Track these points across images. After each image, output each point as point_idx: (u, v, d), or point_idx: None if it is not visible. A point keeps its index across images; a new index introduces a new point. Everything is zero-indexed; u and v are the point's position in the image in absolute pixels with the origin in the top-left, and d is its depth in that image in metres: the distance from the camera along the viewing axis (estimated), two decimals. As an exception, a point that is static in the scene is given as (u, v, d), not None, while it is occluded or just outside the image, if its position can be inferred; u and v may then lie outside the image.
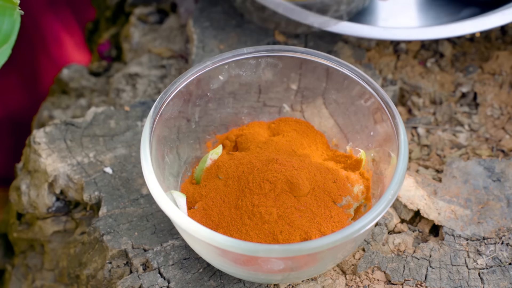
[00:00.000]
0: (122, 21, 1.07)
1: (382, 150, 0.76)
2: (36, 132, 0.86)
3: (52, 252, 0.87)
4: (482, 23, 0.89)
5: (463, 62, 0.95)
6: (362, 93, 0.76)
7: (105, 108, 0.89)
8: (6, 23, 0.66)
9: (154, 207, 0.81)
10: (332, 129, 0.81)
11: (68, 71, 1.00)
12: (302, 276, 0.74)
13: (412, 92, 0.92)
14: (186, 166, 0.79)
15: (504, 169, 0.83)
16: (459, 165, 0.84)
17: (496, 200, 0.81)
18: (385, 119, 0.74)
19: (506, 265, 0.77)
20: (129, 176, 0.83)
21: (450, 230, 0.79)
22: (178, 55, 0.97)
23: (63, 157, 0.85)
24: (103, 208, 0.81)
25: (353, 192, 0.74)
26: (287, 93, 0.82)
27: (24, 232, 0.90)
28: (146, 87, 0.94)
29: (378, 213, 0.68)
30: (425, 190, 0.82)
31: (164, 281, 0.76)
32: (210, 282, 0.76)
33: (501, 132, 0.89)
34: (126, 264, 0.78)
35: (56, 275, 0.88)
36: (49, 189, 0.85)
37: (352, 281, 0.76)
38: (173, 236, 0.79)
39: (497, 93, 0.92)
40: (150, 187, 0.70)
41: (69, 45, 1.25)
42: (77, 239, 0.84)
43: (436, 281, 0.76)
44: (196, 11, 0.99)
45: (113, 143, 0.86)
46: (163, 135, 0.76)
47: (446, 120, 0.90)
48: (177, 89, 0.76)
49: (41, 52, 1.22)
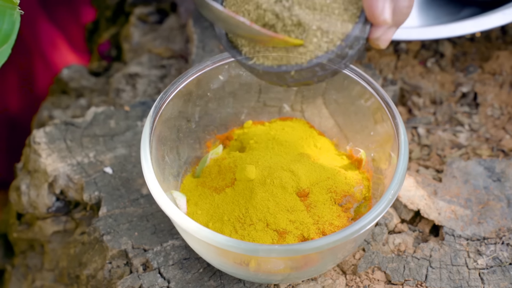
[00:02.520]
0: (122, 21, 1.07)
1: (382, 150, 0.76)
2: (36, 132, 0.86)
3: (52, 252, 0.87)
4: (483, 23, 0.89)
5: (463, 62, 0.95)
6: (362, 93, 0.76)
7: (105, 108, 0.89)
8: (6, 23, 0.66)
9: (154, 207, 0.81)
10: (332, 129, 0.81)
11: (68, 71, 1.00)
12: (302, 276, 0.74)
13: (412, 92, 0.92)
14: (186, 166, 0.79)
15: (505, 169, 0.83)
16: (459, 165, 0.84)
17: (496, 200, 0.81)
18: (385, 119, 0.74)
19: (506, 265, 0.77)
20: (129, 176, 0.83)
21: (450, 230, 0.79)
22: (178, 55, 0.97)
23: (63, 157, 0.85)
24: (103, 208, 0.81)
25: (353, 192, 0.74)
26: (287, 93, 0.82)
27: (24, 232, 0.90)
28: (146, 87, 0.94)
29: (378, 213, 0.68)
30: (425, 190, 0.81)
31: (164, 281, 0.76)
32: (210, 282, 0.76)
33: (502, 132, 0.89)
34: (126, 264, 0.78)
35: (56, 275, 0.88)
36: (49, 189, 0.84)
37: (352, 281, 0.76)
38: (173, 236, 0.79)
39: (498, 93, 0.92)
40: (150, 187, 0.70)
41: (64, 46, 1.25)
42: (77, 239, 0.84)
43: (436, 281, 0.76)
44: (196, 11, 0.99)
45: (113, 143, 0.86)
46: (163, 135, 0.75)
47: (447, 120, 0.90)
48: (177, 89, 0.76)
49: (36, 54, 1.22)
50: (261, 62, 0.64)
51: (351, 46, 0.62)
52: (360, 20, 0.62)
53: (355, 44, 0.62)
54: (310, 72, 0.63)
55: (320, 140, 0.79)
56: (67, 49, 1.25)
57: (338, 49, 0.62)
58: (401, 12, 0.63)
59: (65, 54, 1.25)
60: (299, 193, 0.73)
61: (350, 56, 0.63)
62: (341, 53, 0.62)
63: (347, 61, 0.63)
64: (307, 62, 0.62)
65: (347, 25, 0.62)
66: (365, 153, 0.78)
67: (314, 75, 0.63)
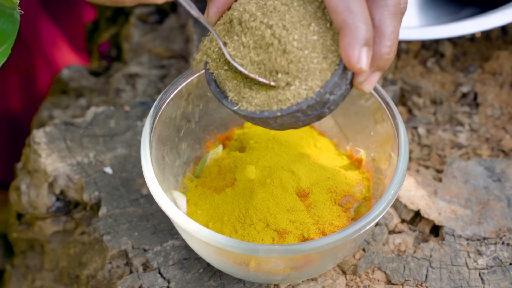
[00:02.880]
0: (122, 21, 1.07)
1: (382, 150, 0.76)
2: (36, 132, 0.86)
3: (52, 252, 0.87)
4: (483, 23, 0.89)
5: (463, 62, 0.95)
6: (362, 93, 0.76)
7: (105, 108, 0.89)
8: (6, 23, 0.66)
9: (154, 207, 0.81)
10: (332, 129, 0.81)
11: (68, 71, 1.00)
12: (302, 276, 0.74)
13: (412, 92, 0.92)
14: (186, 166, 0.79)
15: (505, 169, 0.83)
16: (459, 165, 0.84)
17: (496, 200, 0.81)
18: (386, 119, 0.74)
19: (506, 265, 0.77)
20: (129, 176, 0.83)
21: (451, 230, 0.79)
22: (178, 55, 0.97)
23: (63, 157, 0.85)
24: (103, 208, 0.81)
25: (353, 192, 0.74)
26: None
27: (24, 232, 0.90)
28: (146, 87, 0.94)
29: (379, 213, 0.68)
30: (426, 190, 0.81)
31: (164, 281, 0.76)
32: (210, 282, 0.76)
33: (502, 132, 0.89)
34: (126, 264, 0.78)
35: (56, 275, 0.88)
36: (49, 189, 0.84)
37: (353, 281, 0.76)
38: (173, 236, 0.79)
39: (498, 93, 0.92)
40: (150, 187, 0.70)
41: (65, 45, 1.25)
42: (77, 239, 0.84)
43: (437, 281, 0.76)
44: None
45: (113, 143, 0.86)
46: (163, 135, 0.75)
47: (447, 120, 0.90)
48: (177, 89, 0.76)
49: (37, 53, 1.22)
50: (244, 107, 0.66)
51: (331, 92, 0.64)
52: (340, 67, 0.63)
53: (336, 89, 0.64)
54: (293, 118, 0.65)
55: (320, 140, 0.79)
56: (68, 49, 1.25)
57: (317, 95, 0.63)
58: (382, 58, 0.64)
59: (66, 53, 1.25)
60: (299, 193, 0.73)
61: (333, 101, 0.64)
62: (321, 99, 0.64)
63: (330, 105, 0.65)
64: (287, 108, 0.64)
65: (325, 73, 0.63)
66: (365, 153, 0.77)
67: (297, 120, 0.65)
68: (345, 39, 0.62)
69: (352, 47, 0.62)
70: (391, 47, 0.64)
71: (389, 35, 0.64)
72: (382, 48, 0.64)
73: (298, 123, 0.65)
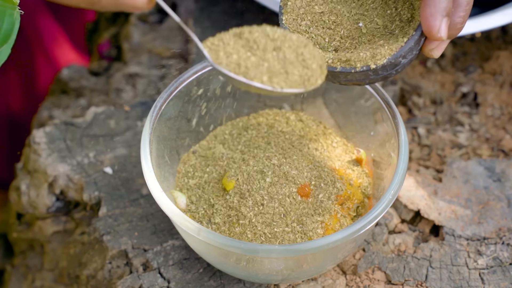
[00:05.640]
0: (122, 21, 1.07)
1: (382, 150, 0.76)
2: (36, 132, 0.86)
3: (52, 252, 0.87)
4: (483, 23, 0.89)
5: (463, 62, 0.95)
6: (362, 93, 0.76)
7: (105, 108, 0.89)
8: (6, 23, 0.66)
9: (154, 207, 0.81)
10: (332, 129, 0.81)
11: (68, 71, 1.00)
12: (302, 276, 0.74)
13: (412, 92, 0.92)
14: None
15: (505, 169, 0.83)
16: (459, 165, 0.83)
17: (496, 200, 0.81)
18: (386, 119, 0.74)
19: (506, 265, 0.77)
20: (129, 176, 0.83)
21: (451, 230, 0.79)
22: (178, 55, 0.97)
23: (63, 157, 0.85)
24: (103, 208, 0.81)
25: (354, 192, 0.74)
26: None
27: (24, 232, 0.90)
28: (146, 87, 0.94)
29: (379, 213, 0.68)
30: (426, 190, 0.81)
31: (164, 281, 0.76)
32: (210, 282, 0.76)
33: (502, 132, 0.89)
34: (126, 264, 0.78)
35: (56, 275, 0.88)
36: (49, 189, 0.84)
37: (353, 281, 0.76)
38: (173, 236, 0.79)
39: (498, 93, 0.92)
40: (150, 187, 0.70)
41: (67, 43, 1.25)
42: (77, 239, 0.84)
43: (437, 281, 0.76)
44: (196, 11, 0.99)
45: (113, 143, 0.86)
46: (163, 135, 0.75)
47: (447, 120, 0.90)
48: (177, 89, 0.76)
49: (38, 51, 1.22)
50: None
51: (404, 56, 0.68)
52: (417, 33, 0.68)
53: (409, 54, 0.68)
54: (363, 75, 0.69)
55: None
56: (69, 46, 1.25)
57: (393, 57, 0.68)
58: (455, 27, 0.68)
59: (67, 50, 1.25)
60: (299, 192, 0.73)
61: (402, 64, 0.69)
62: (395, 61, 0.68)
63: (399, 68, 0.69)
64: (361, 67, 0.68)
65: (402, 39, 0.68)
66: (365, 153, 0.77)
67: (366, 78, 0.69)
68: (427, 9, 0.66)
69: (435, 18, 0.66)
70: (464, 17, 0.68)
71: (464, 6, 0.68)
72: (456, 18, 0.68)
73: (365, 81, 0.69)
